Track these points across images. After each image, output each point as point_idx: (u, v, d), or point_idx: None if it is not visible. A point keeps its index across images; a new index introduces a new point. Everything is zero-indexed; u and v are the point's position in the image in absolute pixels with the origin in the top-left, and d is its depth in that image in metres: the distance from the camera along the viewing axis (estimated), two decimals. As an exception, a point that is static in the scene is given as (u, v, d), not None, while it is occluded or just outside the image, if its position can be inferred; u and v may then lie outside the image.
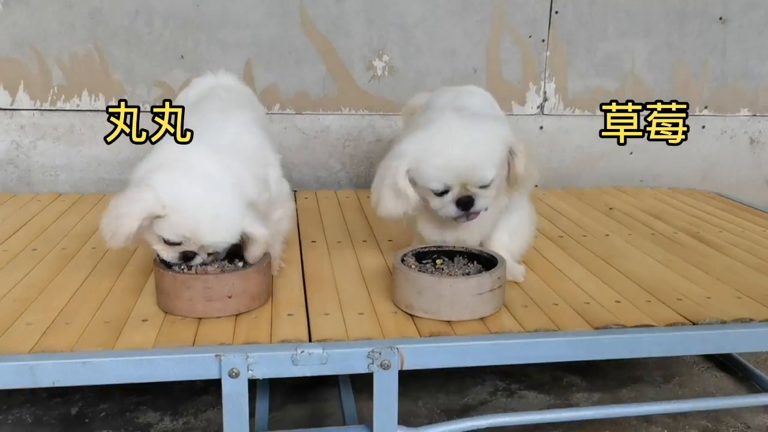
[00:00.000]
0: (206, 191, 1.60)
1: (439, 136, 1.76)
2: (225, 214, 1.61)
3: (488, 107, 2.04)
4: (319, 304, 1.75)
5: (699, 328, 1.65)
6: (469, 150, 1.72)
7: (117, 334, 1.56)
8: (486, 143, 1.75)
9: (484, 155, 1.73)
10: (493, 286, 1.66)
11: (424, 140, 1.77)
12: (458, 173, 1.72)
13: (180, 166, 1.62)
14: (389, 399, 1.54)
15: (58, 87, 2.88)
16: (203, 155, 1.65)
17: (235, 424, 1.49)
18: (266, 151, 1.90)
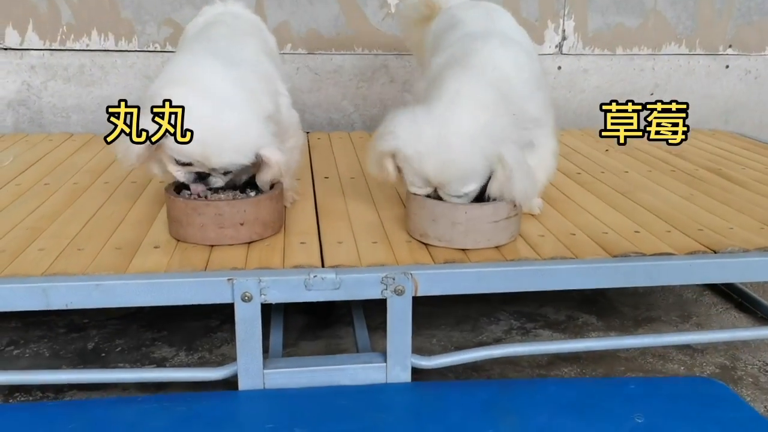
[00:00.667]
0: (215, 111, 1.55)
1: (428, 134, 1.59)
2: (235, 135, 1.56)
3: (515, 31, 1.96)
4: (333, 233, 1.72)
5: (720, 257, 1.62)
6: (446, 167, 1.57)
7: (129, 259, 1.55)
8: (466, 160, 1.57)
9: (459, 171, 1.58)
10: (509, 214, 1.63)
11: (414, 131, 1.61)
12: (432, 182, 1.61)
13: (190, 82, 1.58)
14: (403, 326, 1.52)
15: (67, 26, 2.84)
16: (214, 70, 1.61)
17: (248, 348, 1.48)
18: (275, 78, 1.86)
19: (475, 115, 1.58)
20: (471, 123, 1.57)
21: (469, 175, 1.59)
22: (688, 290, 2.44)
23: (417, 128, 1.60)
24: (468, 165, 1.58)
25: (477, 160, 1.58)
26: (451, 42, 1.89)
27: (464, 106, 1.59)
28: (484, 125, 1.58)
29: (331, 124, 3.05)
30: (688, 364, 1.95)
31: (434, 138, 1.57)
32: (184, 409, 1.42)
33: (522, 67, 1.76)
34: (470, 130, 1.57)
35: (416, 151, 1.59)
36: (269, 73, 1.85)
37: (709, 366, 1.94)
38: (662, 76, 3.17)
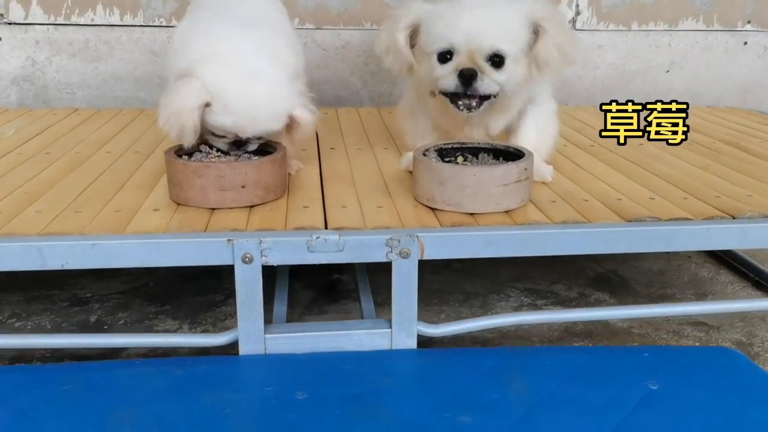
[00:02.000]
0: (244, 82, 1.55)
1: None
2: (267, 104, 1.57)
3: None
4: (337, 198, 1.68)
5: (739, 222, 1.55)
6: (485, 12, 1.56)
7: (127, 221, 1.51)
8: (506, 12, 1.59)
9: (500, 22, 1.57)
10: (519, 177, 1.57)
11: (432, 5, 1.62)
12: (466, 34, 1.56)
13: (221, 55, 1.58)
14: (408, 290, 1.47)
15: (71, 0, 2.80)
16: (235, 38, 1.61)
17: (249, 312, 1.44)
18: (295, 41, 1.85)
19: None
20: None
21: (507, 28, 1.59)
22: (703, 268, 2.38)
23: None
24: (504, 16, 1.58)
25: (513, 15, 1.59)
26: None
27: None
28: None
29: (338, 101, 3.00)
30: (704, 340, 1.89)
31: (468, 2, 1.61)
32: (181, 372, 1.38)
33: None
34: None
35: (446, 17, 1.57)
36: (288, 29, 1.85)
37: (724, 342, 1.89)
38: (678, 52, 3.10)
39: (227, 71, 1.56)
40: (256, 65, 1.57)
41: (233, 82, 1.55)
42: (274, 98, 1.58)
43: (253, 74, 1.56)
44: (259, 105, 1.56)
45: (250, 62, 1.57)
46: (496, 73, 1.60)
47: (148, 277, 2.23)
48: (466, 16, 1.57)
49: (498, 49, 1.58)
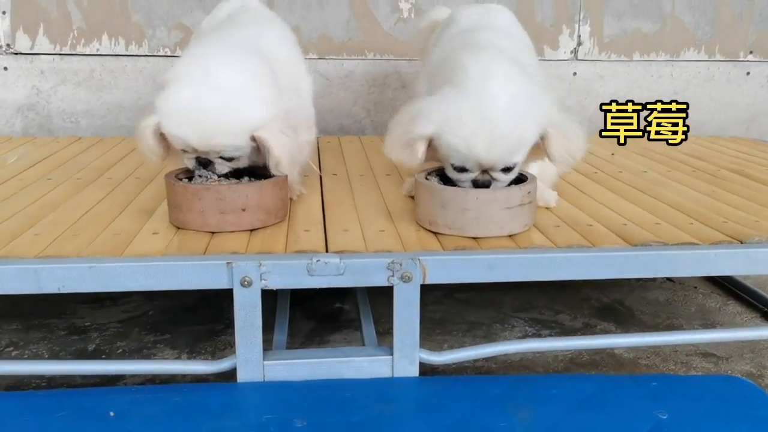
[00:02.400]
0: (207, 95, 1.51)
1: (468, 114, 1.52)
2: (225, 116, 1.51)
3: (515, 28, 1.93)
4: (338, 222, 1.66)
5: (747, 246, 1.53)
6: (496, 140, 1.51)
7: (126, 244, 1.49)
8: (517, 131, 1.53)
9: (511, 145, 1.53)
10: (522, 201, 1.55)
11: (452, 112, 1.54)
12: (480, 162, 1.54)
13: (190, 70, 1.55)
14: (410, 316, 1.44)
15: (77, 30, 2.83)
16: (215, 58, 1.57)
17: (247, 337, 1.41)
18: (299, 64, 1.84)
19: (512, 86, 1.55)
20: (511, 94, 1.53)
21: (520, 146, 1.55)
22: (710, 299, 2.34)
23: (456, 111, 1.53)
24: (517, 134, 1.53)
25: (525, 128, 1.54)
26: (445, 38, 1.87)
27: (497, 79, 1.55)
28: (524, 94, 1.55)
29: (342, 130, 3.01)
30: (713, 371, 1.85)
31: (478, 118, 1.51)
32: (179, 399, 1.35)
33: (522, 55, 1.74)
34: (512, 100, 1.53)
35: (461, 136, 1.52)
36: (285, 60, 1.82)
37: (734, 373, 1.84)
38: (681, 82, 3.10)
39: (184, 86, 1.53)
40: (225, 81, 1.53)
41: (185, 95, 1.52)
42: (233, 112, 1.53)
43: (219, 88, 1.52)
44: (218, 116, 1.51)
45: (221, 78, 1.54)
46: (508, 175, 1.59)
47: (148, 306, 2.21)
48: (479, 144, 1.52)
49: (511, 163, 1.57)
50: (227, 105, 1.52)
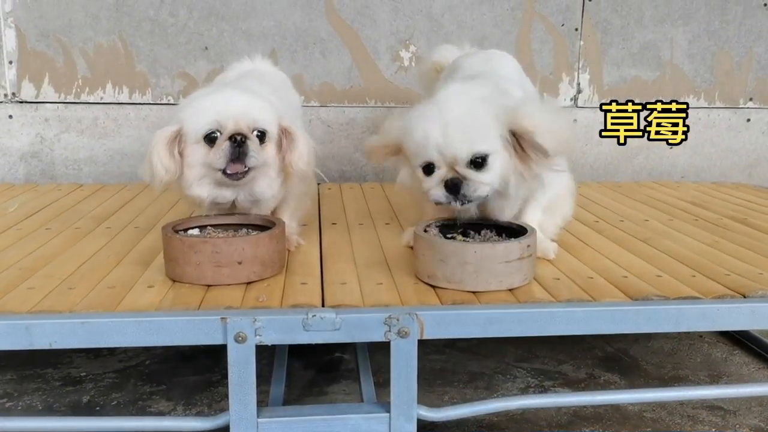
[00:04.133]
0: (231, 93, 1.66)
1: (426, 109, 1.60)
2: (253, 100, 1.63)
3: (516, 72, 1.94)
4: (336, 275, 1.64)
5: (751, 301, 1.50)
6: (451, 123, 1.53)
7: (120, 298, 1.48)
8: (474, 115, 1.55)
9: (466, 128, 1.53)
10: (522, 255, 1.54)
11: (414, 113, 1.64)
12: (439, 147, 1.54)
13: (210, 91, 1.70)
14: (407, 372, 1.42)
15: (82, 79, 2.87)
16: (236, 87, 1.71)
17: (241, 394, 1.38)
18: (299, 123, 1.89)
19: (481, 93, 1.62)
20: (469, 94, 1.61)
21: (477, 130, 1.54)
22: (716, 348, 2.31)
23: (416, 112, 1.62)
24: (471, 119, 1.54)
25: (481, 115, 1.55)
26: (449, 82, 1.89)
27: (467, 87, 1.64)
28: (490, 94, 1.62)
29: (343, 176, 3.01)
30: (720, 425, 1.81)
31: (434, 110, 1.58)
32: (169, 459, 1.31)
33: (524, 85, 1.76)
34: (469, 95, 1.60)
35: (419, 128, 1.58)
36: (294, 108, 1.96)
37: (742, 428, 1.80)
38: (681, 129, 3.11)
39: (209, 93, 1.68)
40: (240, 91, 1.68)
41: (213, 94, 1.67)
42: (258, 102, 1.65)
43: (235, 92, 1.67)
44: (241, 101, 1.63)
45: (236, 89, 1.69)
46: (481, 174, 1.56)
47: (145, 356, 2.18)
48: (434, 129, 1.55)
49: (475, 152, 1.54)
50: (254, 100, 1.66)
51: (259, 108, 1.63)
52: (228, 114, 1.59)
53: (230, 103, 1.61)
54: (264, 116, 1.63)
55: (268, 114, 1.64)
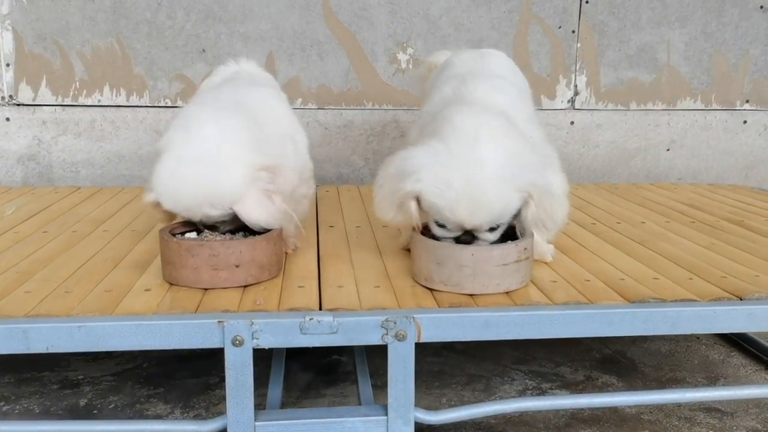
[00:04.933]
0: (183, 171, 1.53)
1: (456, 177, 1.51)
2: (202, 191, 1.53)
3: (509, 71, 1.94)
4: (333, 278, 1.64)
5: (747, 303, 1.50)
6: (481, 207, 1.50)
7: (117, 302, 1.48)
8: (502, 199, 1.51)
9: (495, 212, 1.52)
10: (519, 257, 1.54)
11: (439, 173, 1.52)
12: (463, 226, 1.54)
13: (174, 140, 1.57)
14: (405, 375, 1.42)
15: (80, 82, 2.87)
16: (199, 126, 1.57)
17: (238, 398, 1.38)
18: (292, 121, 1.87)
19: (499, 149, 1.52)
20: (497, 159, 1.51)
21: (504, 213, 1.53)
22: (714, 350, 2.31)
23: (443, 172, 1.51)
24: (502, 203, 1.51)
25: (510, 196, 1.52)
26: (441, 83, 1.88)
27: (485, 141, 1.52)
28: (510, 158, 1.53)
29: (340, 179, 3.01)
30: (717, 427, 1.81)
31: (463, 181, 1.49)
32: (166, 463, 1.31)
33: (516, 105, 1.74)
34: (498, 166, 1.51)
35: (447, 199, 1.50)
36: (278, 119, 1.83)
37: (739, 430, 1.81)
38: (678, 131, 3.12)
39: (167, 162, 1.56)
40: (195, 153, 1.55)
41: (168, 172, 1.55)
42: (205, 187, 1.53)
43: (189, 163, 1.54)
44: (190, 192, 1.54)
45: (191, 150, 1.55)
46: (491, 234, 1.58)
47: (142, 359, 2.18)
48: (465, 204, 1.50)
49: (493, 225, 1.56)
50: (204, 179, 1.53)
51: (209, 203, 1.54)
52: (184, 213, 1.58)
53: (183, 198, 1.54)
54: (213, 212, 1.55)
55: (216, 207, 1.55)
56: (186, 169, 1.53)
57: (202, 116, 1.60)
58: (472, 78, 1.79)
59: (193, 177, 1.52)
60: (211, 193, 1.53)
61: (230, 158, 1.54)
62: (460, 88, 1.77)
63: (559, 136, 3.02)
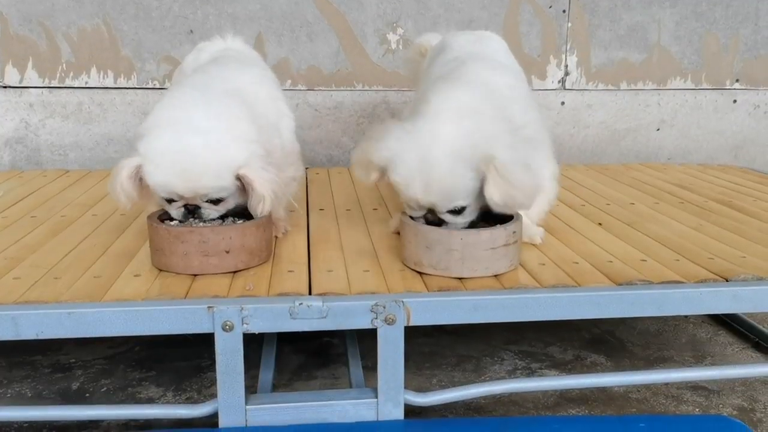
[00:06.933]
0: (182, 139, 1.51)
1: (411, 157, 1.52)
2: (207, 158, 1.51)
3: (505, 56, 1.93)
4: (323, 262, 1.65)
5: (733, 285, 1.52)
6: (432, 185, 1.50)
7: (106, 288, 1.48)
8: (454, 177, 1.50)
9: (447, 190, 1.51)
10: (507, 241, 1.55)
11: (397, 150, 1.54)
12: (419, 203, 1.55)
13: (165, 119, 1.56)
14: (394, 358, 1.43)
15: (66, 64, 2.84)
16: (193, 103, 1.57)
17: (229, 382, 1.39)
18: (279, 102, 1.85)
19: (458, 125, 1.52)
20: (452, 135, 1.51)
21: (458, 191, 1.52)
22: (701, 329, 2.33)
23: (402, 149, 1.54)
24: (453, 179, 1.50)
25: (462, 174, 1.50)
26: (438, 66, 1.87)
27: (446, 117, 1.53)
28: (467, 133, 1.51)
29: (331, 161, 3.00)
30: (704, 405, 1.84)
31: (417, 160, 1.51)
32: (158, 446, 1.32)
33: (511, 86, 1.73)
34: (451, 143, 1.50)
35: (402, 176, 1.54)
36: (264, 99, 1.82)
37: (725, 408, 1.83)
38: (668, 111, 3.12)
39: (164, 131, 1.54)
40: (204, 125, 1.54)
41: (164, 139, 1.53)
42: (215, 152, 1.52)
43: (190, 132, 1.52)
44: (200, 158, 1.51)
45: (199, 122, 1.54)
46: (458, 217, 1.57)
47: (134, 342, 2.18)
48: (418, 181, 1.52)
49: (453, 207, 1.55)
50: (209, 146, 1.52)
51: (214, 172, 1.52)
52: (180, 185, 1.52)
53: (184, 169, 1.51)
54: (216, 182, 1.53)
55: (221, 177, 1.53)
56: (191, 138, 1.51)
57: (200, 95, 1.61)
58: (472, 60, 1.78)
59: (197, 146, 1.51)
60: (218, 160, 1.52)
61: (234, 132, 1.56)
62: (460, 68, 1.77)
63: (549, 116, 3.01)
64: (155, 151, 1.51)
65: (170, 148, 1.50)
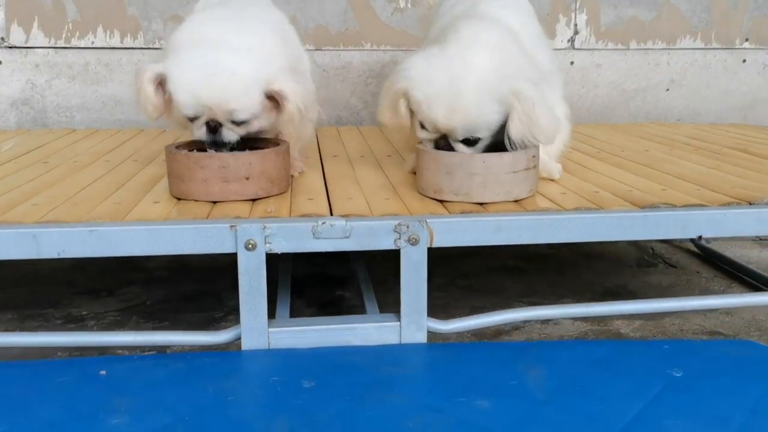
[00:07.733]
0: (213, 54, 1.51)
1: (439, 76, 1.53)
2: (234, 73, 1.51)
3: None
4: (342, 191, 1.64)
5: (757, 207, 1.51)
6: (456, 110, 1.51)
7: (127, 211, 1.46)
8: (480, 107, 1.51)
9: (471, 118, 1.51)
10: (528, 165, 1.53)
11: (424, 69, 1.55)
12: (437, 126, 1.55)
13: (194, 34, 1.56)
14: (418, 280, 1.42)
15: (72, 23, 2.81)
16: (224, 23, 1.58)
17: (252, 303, 1.38)
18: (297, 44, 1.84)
19: (488, 56, 1.53)
20: (483, 64, 1.52)
21: (479, 120, 1.52)
22: (714, 283, 2.33)
23: (429, 70, 1.54)
24: (478, 109, 1.51)
25: (488, 105, 1.51)
26: (451, 6, 1.88)
27: (478, 48, 1.54)
28: (497, 65, 1.53)
29: (339, 122, 2.98)
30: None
31: (445, 81, 1.51)
32: (182, 365, 1.32)
33: (525, 24, 1.76)
34: (481, 71, 1.51)
35: (426, 95, 1.53)
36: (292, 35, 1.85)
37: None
38: (678, 70, 3.11)
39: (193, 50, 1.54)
40: (224, 42, 1.53)
41: (192, 57, 1.52)
42: (245, 69, 1.52)
43: (219, 50, 1.52)
44: (230, 74, 1.50)
45: (220, 40, 1.53)
46: (470, 148, 1.58)
47: (146, 296, 2.17)
48: (442, 103, 1.52)
49: (472, 135, 1.56)
50: (241, 61, 1.52)
51: (240, 92, 1.52)
52: (206, 101, 1.51)
53: (211, 85, 1.50)
54: (243, 104, 1.52)
55: (249, 97, 1.53)
56: (222, 52, 1.51)
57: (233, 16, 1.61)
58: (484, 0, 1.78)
59: (228, 59, 1.50)
60: (248, 74, 1.52)
61: (266, 51, 1.57)
62: (473, 8, 1.77)
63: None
64: (182, 72, 1.50)
65: (200, 67, 1.50)
